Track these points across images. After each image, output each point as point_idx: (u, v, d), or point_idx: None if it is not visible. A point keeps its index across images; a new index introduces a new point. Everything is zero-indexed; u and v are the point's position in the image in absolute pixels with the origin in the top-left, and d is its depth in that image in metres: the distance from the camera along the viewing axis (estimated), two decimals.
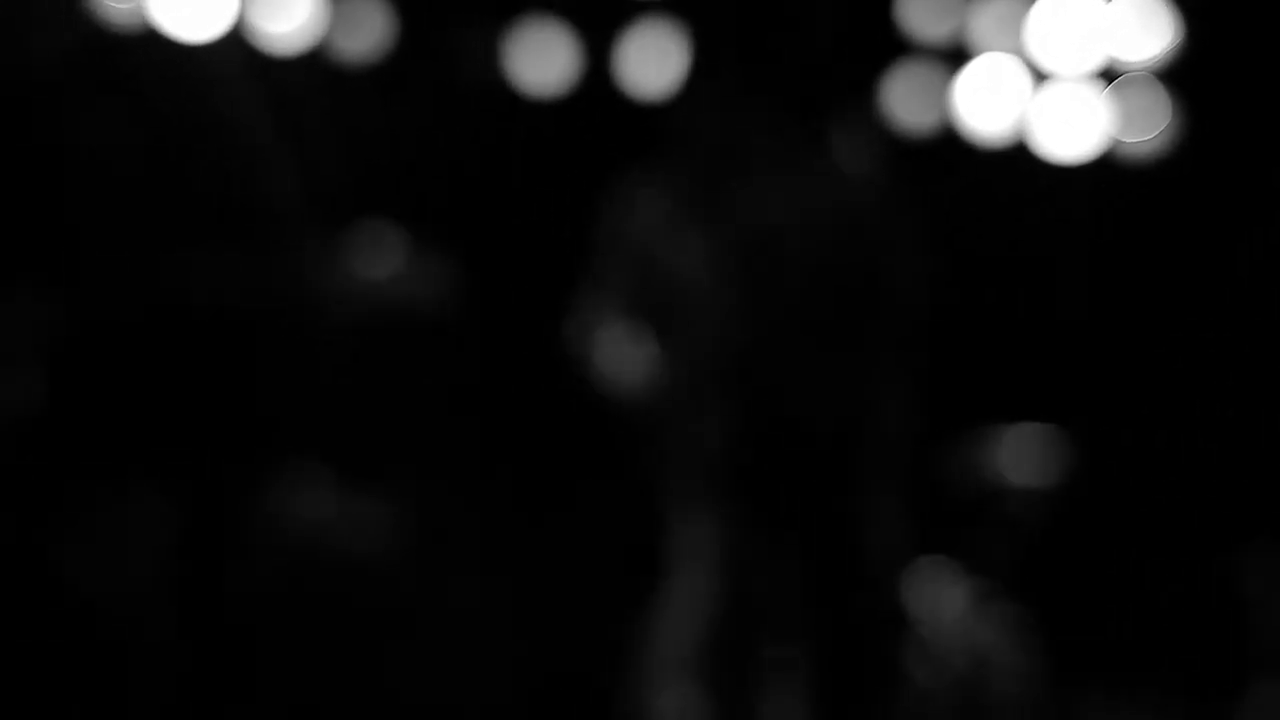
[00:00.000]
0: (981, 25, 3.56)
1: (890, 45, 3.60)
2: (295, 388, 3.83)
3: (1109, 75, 3.62)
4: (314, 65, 3.85)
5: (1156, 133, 3.67)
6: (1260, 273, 3.56)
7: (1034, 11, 3.51)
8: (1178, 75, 3.57)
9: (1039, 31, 3.54)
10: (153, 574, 3.22)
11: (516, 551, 3.70)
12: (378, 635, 3.23)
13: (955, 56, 3.62)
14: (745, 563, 1.71)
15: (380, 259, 3.53)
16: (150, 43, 3.78)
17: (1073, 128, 3.67)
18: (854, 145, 1.44)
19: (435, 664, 3.37)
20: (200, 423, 3.63)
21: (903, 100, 3.67)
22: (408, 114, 3.88)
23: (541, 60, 3.78)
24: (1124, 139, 3.69)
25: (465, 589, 3.62)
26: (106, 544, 3.19)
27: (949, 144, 3.74)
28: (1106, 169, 3.74)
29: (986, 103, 3.65)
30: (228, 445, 3.60)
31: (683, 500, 1.78)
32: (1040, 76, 3.63)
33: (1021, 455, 3.17)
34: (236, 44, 3.80)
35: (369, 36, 3.81)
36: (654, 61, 3.67)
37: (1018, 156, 3.74)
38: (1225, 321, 3.62)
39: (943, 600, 3.04)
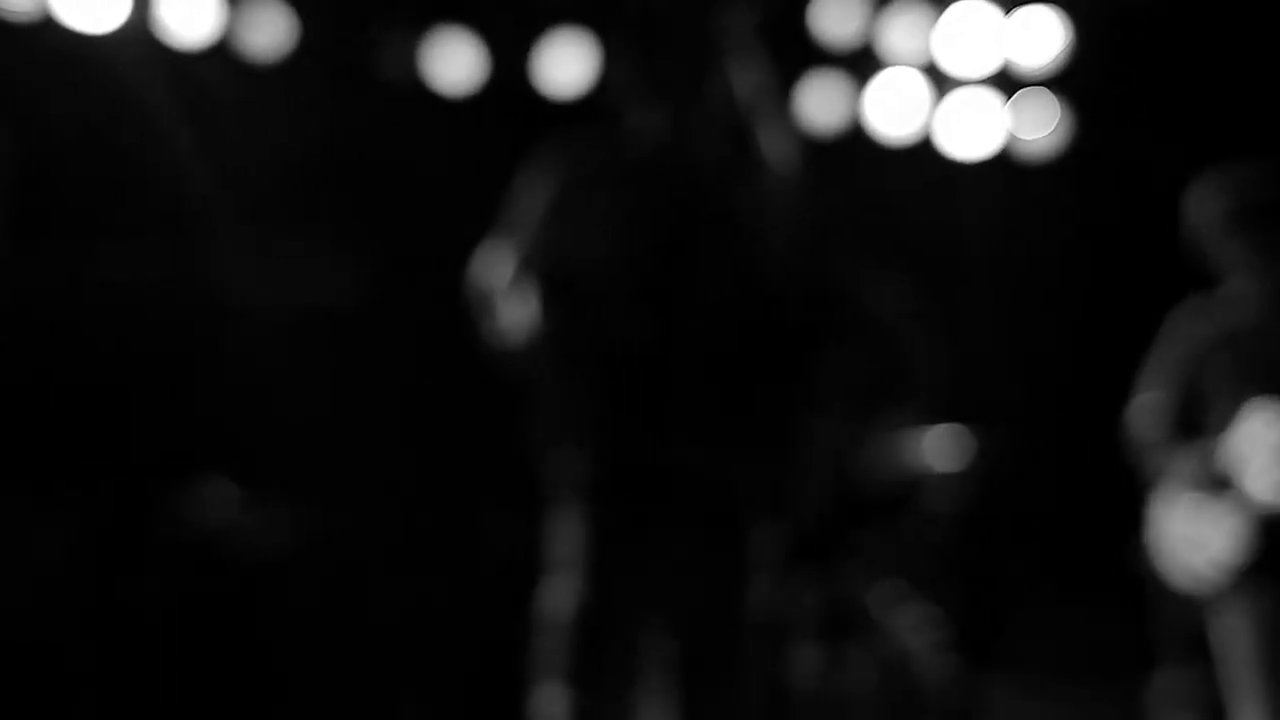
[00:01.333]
0: (889, 33, 3.69)
1: (803, 52, 3.71)
2: (205, 395, 3.75)
3: (1006, 81, 3.81)
4: (221, 60, 3.76)
5: (1048, 133, 3.88)
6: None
7: (938, 21, 3.68)
8: (1067, 81, 3.78)
9: (943, 40, 3.70)
10: (59, 578, 3.15)
11: (426, 553, 3.73)
12: (280, 636, 3.19)
13: (864, 63, 3.77)
14: (615, 562, 1.64)
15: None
16: (50, 32, 3.64)
17: (973, 129, 3.88)
18: (770, 142, 1.44)
19: (339, 665, 3.35)
20: (108, 430, 3.54)
21: (814, 103, 3.80)
22: (317, 110, 3.82)
23: (454, 60, 3.75)
24: (1020, 139, 3.89)
25: (371, 590, 3.62)
26: (12, 551, 3.10)
27: (857, 144, 3.88)
28: (1004, 167, 3.93)
29: (893, 106, 3.82)
30: (135, 452, 3.51)
31: (557, 492, 1.73)
32: (944, 82, 3.82)
33: (936, 452, 3.18)
34: (140, 36, 3.68)
35: (275, 32, 3.73)
36: (566, 63, 3.70)
37: (922, 156, 3.90)
38: (1115, 311, 3.82)
39: (866, 602, 3.14)
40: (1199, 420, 2.22)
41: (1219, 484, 2.16)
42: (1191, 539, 2.18)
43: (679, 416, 1.54)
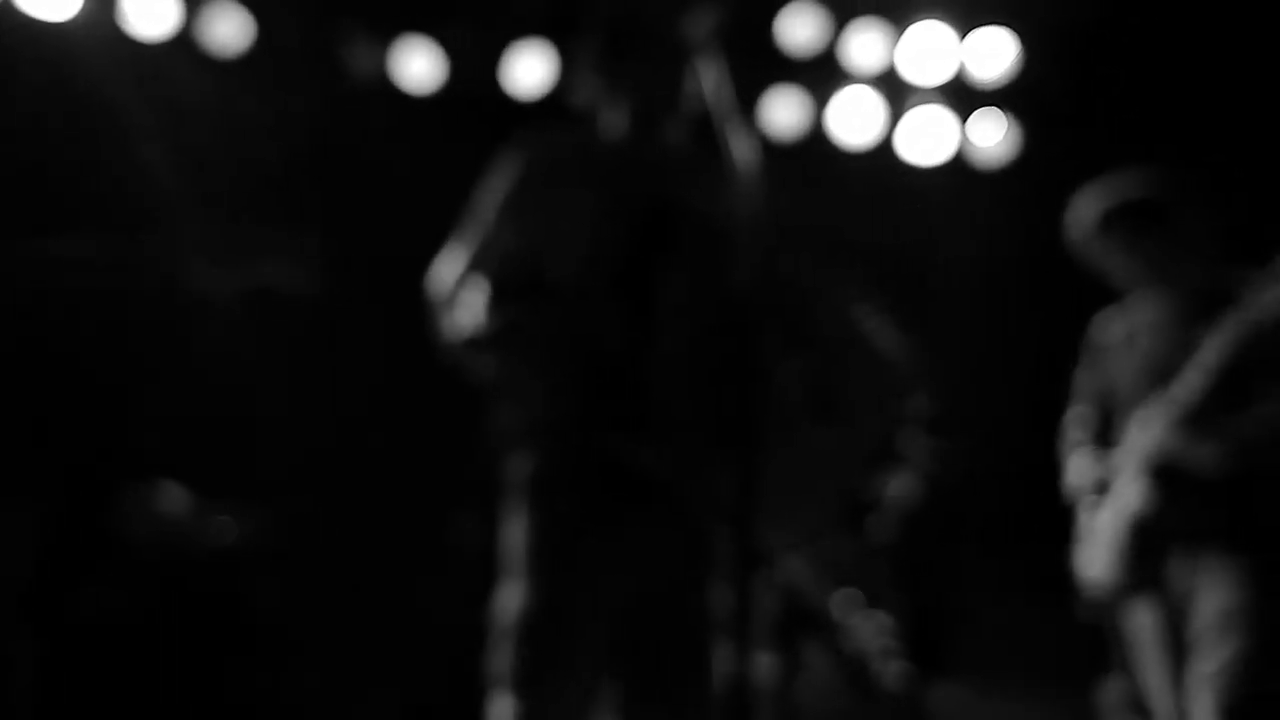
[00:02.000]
0: (852, 46, 3.80)
1: (766, 60, 3.78)
2: (162, 391, 3.69)
3: (961, 93, 3.94)
4: (183, 51, 3.71)
5: (999, 142, 4.02)
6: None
7: (898, 36, 3.80)
8: (1017, 94, 3.93)
9: (902, 53, 3.83)
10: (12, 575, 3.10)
11: (390, 551, 3.71)
12: (237, 636, 3.15)
13: (827, 73, 3.87)
14: (563, 566, 1.60)
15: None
16: (7, 19, 3.56)
17: (929, 137, 4.01)
18: (732, 145, 1.35)
19: (299, 665, 3.33)
20: (61, 428, 3.47)
21: (777, 109, 3.89)
22: (279, 104, 3.78)
23: (418, 59, 3.75)
24: (973, 147, 4.03)
25: (333, 588, 3.61)
26: None
27: (819, 150, 3.97)
28: (958, 173, 4.05)
29: (855, 114, 3.94)
30: (87, 451, 3.45)
31: (510, 493, 1.68)
32: (902, 92, 3.94)
33: (893, 458, 3.21)
34: (100, 24, 3.62)
35: (236, 25, 3.69)
36: (530, 65, 3.71)
37: (881, 162, 4.01)
38: (1066, 317, 3.95)
39: (823, 607, 3.18)
40: (1114, 427, 2.26)
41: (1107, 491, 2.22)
42: (1090, 546, 2.25)
43: (629, 416, 1.50)
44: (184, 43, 3.69)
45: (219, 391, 3.80)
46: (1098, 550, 2.22)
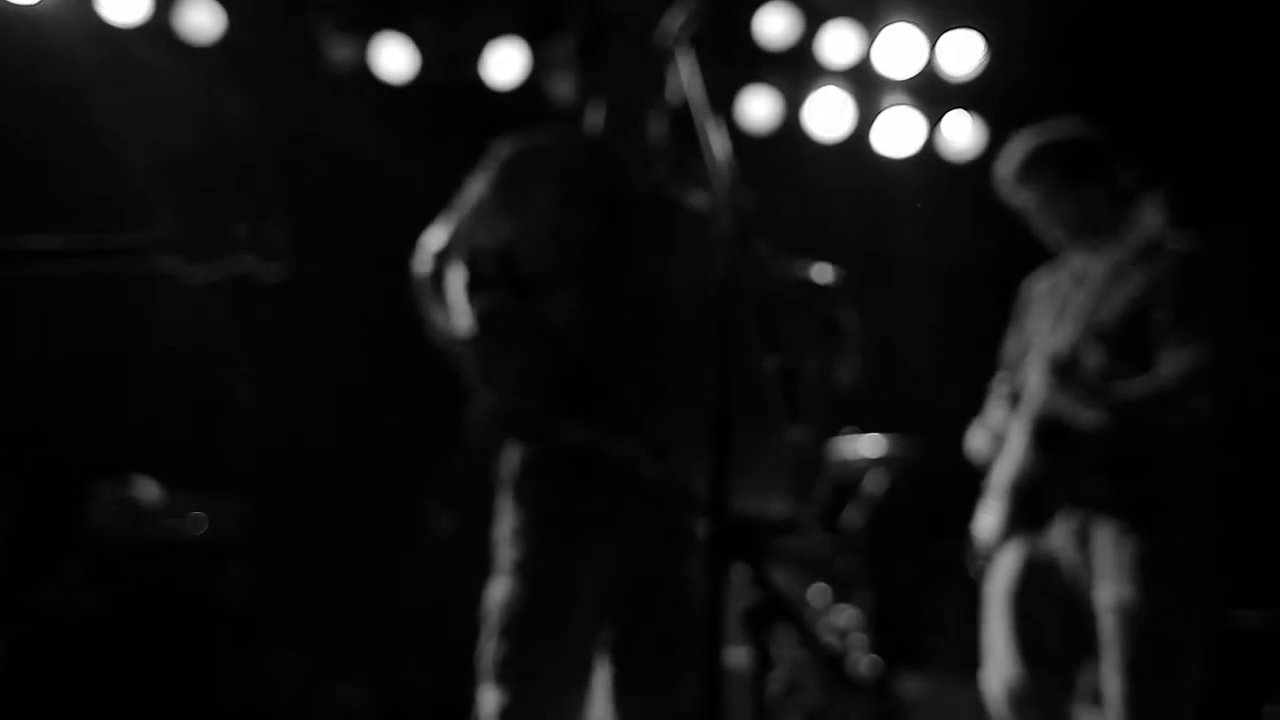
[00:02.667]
0: (826, 44, 3.86)
1: (742, 55, 3.82)
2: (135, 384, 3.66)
3: (930, 90, 4.01)
4: (157, 36, 3.68)
5: (966, 136, 4.09)
6: None
7: (872, 35, 3.86)
8: (983, 91, 4.01)
9: (876, 52, 3.89)
10: None
11: (370, 543, 3.66)
12: (205, 623, 3.14)
13: (805, 70, 3.92)
14: (549, 560, 1.61)
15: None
16: None
17: (900, 131, 4.08)
18: (709, 141, 1.35)
19: (263, 651, 3.30)
20: (31, 421, 3.44)
21: (752, 104, 3.94)
22: (254, 91, 3.76)
23: (394, 50, 3.75)
24: (942, 141, 4.10)
25: (312, 581, 3.59)
26: None
27: (792, 143, 4.02)
28: (927, 165, 4.12)
29: (830, 108, 4.00)
30: (57, 444, 3.42)
31: (497, 486, 1.69)
32: (875, 88, 4.01)
33: (862, 454, 3.27)
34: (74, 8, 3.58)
35: (210, 12, 3.67)
36: (507, 58, 3.71)
37: (854, 153, 4.07)
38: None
39: (798, 601, 3.17)
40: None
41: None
42: (985, 508, 2.19)
43: (611, 407, 1.51)
44: (157, 30, 3.67)
45: (190, 382, 3.79)
46: (988, 512, 2.17)
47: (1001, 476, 2.15)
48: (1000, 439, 2.18)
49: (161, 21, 3.67)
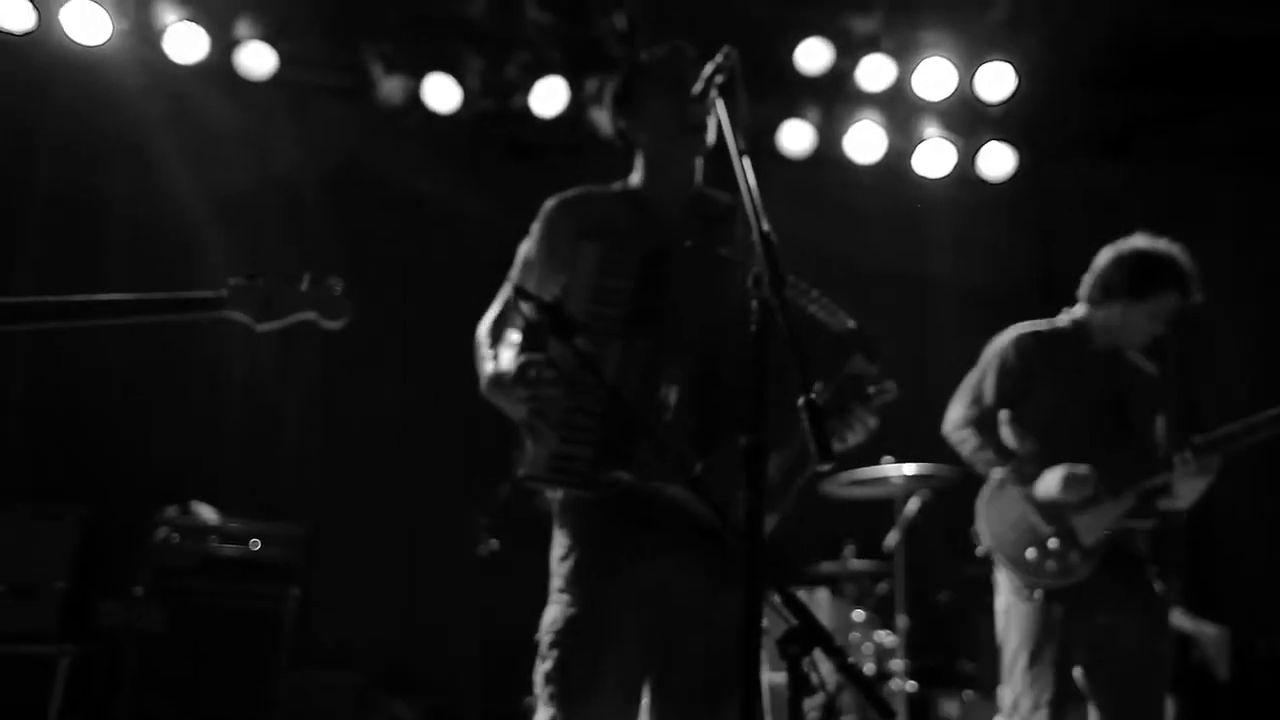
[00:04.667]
0: (863, 71, 3.94)
1: (785, 85, 3.91)
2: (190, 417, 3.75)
3: (966, 114, 4.08)
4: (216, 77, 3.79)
5: (1001, 159, 4.15)
6: None
7: (909, 63, 3.93)
8: (1015, 117, 4.07)
9: (913, 78, 3.97)
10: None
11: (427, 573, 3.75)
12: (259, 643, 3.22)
13: (843, 95, 4.01)
14: (596, 587, 1.65)
15: None
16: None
17: (938, 153, 4.15)
18: (748, 182, 1.38)
19: (314, 671, 3.36)
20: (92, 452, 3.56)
21: (791, 132, 4.02)
22: (312, 130, 3.85)
23: (443, 89, 3.83)
24: (977, 163, 4.16)
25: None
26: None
27: (831, 164, 4.09)
28: (962, 185, 4.16)
29: (868, 132, 4.09)
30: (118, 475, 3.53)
31: (551, 519, 1.75)
32: (913, 112, 4.08)
33: (897, 481, 3.31)
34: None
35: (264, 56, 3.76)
36: (550, 99, 3.81)
37: (892, 174, 4.14)
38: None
39: (827, 623, 3.18)
40: None
41: None
42: None
43: (659, 453, 1.53)
44: (216, 69, 3.76)
45: (247, 412, 3.88)
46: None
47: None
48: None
49: (220, 62, 3.76)
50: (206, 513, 3.42)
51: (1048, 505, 2.39)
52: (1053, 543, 2.36)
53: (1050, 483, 2.37)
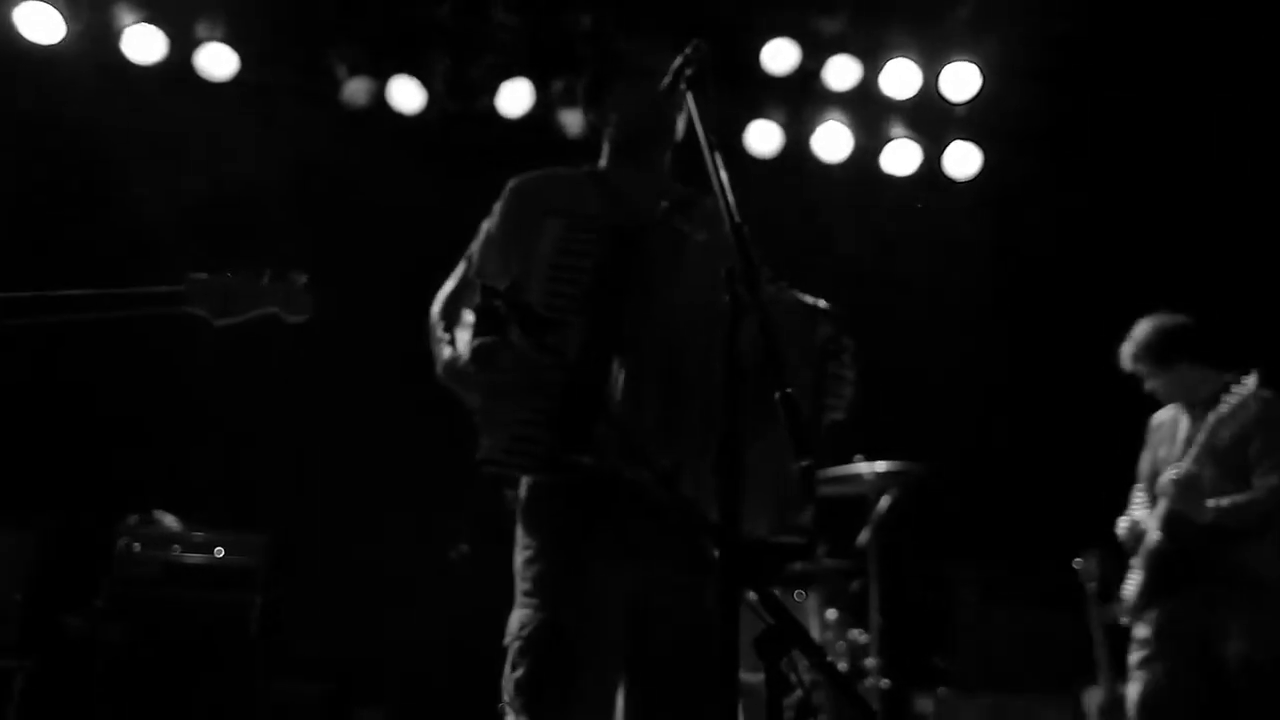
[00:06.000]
0: (830, 71, 3.95)
1: (752, 85, 3.92)
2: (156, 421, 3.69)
3: (931, 114, 4.11)
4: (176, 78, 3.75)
5: (965, 158, 4.18)
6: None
7: (876, 63, 3.95)
8: (980, 116, 4.11)
9: (881, 77, 3.99)
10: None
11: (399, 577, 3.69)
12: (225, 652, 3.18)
13: (811, 96, 4.02)
14: (565, 587, 1.62)
15: None
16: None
17: (903, 152, 4.17)
18: (718, 176, 1.36)
19: (284, 679, 3.32)
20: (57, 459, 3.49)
21: (760, 132, 4.02)
22: (274, 131, 3.82)
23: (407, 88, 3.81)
24: (941, 161, 4.19)
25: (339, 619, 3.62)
26: None
27: (800, 163, 4.10)
28: (928, 182, 4.19)
29: (834, 131, 4.10)
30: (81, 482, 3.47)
31: (513, 517, 1.71)
32: (879, 111, 4.11)
33: (872, 477, 3.31)
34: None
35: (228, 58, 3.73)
36: (517, 96, 3.79)
37: (858, 172, 4.15)
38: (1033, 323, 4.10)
39: (809, 626, 3.21)
40: None
41: None
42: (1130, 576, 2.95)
43: (623, 435, 1.49)
44: (175, 69, 3.73)
45: (212, 417, 3.83)
46: (1130, 581, 2.97)
47: (1142, 555, 2.91)
48: (1139, 531, 2.96)
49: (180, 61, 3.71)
50: (169, 521, 3.37)
51: None
52: None
53: None
